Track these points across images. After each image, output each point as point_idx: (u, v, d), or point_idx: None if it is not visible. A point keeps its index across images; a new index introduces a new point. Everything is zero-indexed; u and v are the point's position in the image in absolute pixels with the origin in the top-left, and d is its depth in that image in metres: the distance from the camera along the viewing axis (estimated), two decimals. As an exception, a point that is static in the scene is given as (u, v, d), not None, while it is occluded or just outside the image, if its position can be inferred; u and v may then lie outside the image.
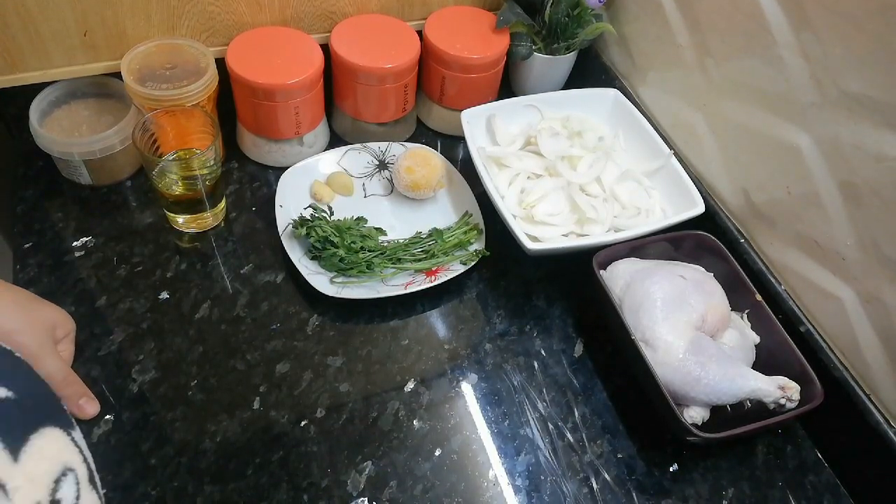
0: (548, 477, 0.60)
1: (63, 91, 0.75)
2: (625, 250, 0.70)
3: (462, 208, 0.78)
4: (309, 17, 0.80)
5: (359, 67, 0.76)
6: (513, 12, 0.83)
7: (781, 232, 0.67)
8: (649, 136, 0.79)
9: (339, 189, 0.79)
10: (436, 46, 0.80)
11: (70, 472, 0.32)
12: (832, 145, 0.59)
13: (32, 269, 0.68)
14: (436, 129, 0.90)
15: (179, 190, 0.69)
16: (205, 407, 0.61)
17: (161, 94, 0.69)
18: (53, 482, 0.31)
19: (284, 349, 0.66)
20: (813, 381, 0.60)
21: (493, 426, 0.63)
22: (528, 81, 0.91)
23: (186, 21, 0.75)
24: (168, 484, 0.56)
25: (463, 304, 0.72)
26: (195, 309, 0.67)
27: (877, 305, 0.59)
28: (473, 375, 0.67)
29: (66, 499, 0.32)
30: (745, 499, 0.61)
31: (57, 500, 0.31)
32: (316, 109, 0.79)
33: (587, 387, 0.67)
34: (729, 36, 0.68)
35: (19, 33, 0.69)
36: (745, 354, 0.64)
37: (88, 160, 0.72)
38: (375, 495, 0.57)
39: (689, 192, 0.73)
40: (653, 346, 0.61)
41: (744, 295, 0.68)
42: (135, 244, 0.72)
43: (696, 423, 0.60)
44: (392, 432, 0.62)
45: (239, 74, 0.72)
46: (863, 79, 0.55)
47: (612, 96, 0.84)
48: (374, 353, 0.67)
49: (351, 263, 0.69)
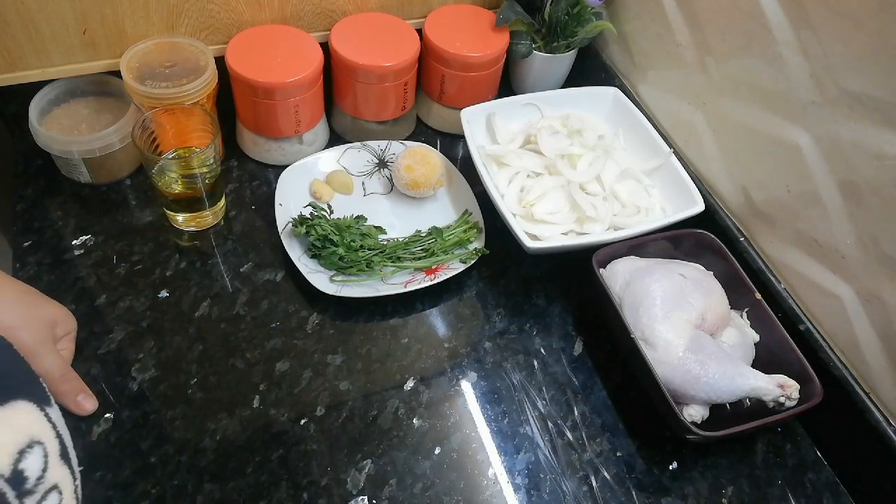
0: (547, 475, 0.60)
1: (62, 89, 0.74)
2: (624, 249, 0.70)
3: (462, 207, 0.78)
4: (309, 15, 0.80)
5: (358, 66, 0.76)
6: (512, 10, 0.83)
7: (781, 230, 0.67)
8: (649, 135, 0.79)
9: (339, 187, 0.79)
10: (435, 45, 0.80)
11: (38, 446, 0.32)
12: (832, 144, 0.59)
13: (32, 267, 0.68)
14: (435, 127, 0.90)
15: (179, 188, 0.69)
16: (204, 405, 0.61)
17: (160, 93, 0.69)
18: (17, 452, 0.32)
19: (284, 347, 0.66)
20: (812, 380, 0.60)
21: (492, 424, 0.63)
22: (528, 80, 0.91)
23: (186, 19, 0.75)
24: (168, 482, 0.56)
25: (462, 303, 0.72)
26: (195, 307, 0.67)
27: (876, 304, 0.59)
28: (473, 374, 0.67)
29: (31, 470, 0.32)
30: (745, 497, 0.61)
31: (20, 470, 0.31)
32: (315, 108, 0.79)
33: (587, 385, 0.67)
34: (729, 34, 0.68)
35: (19, 31, 0.69)
36: (745, 353, 0.65)
37: (88, 158, 0.72)
38: (375, 493, 0.57)
39: (688, 190, 0.73)
40: (652, 344, 0.61)
41: (743, 293, 0.68)
42: (134, 242, 0.72)
43: (695, 421, 0.60)
44: (392, 430, 0.62)
45: (238, 73, 0.72)
46: (863, 77, 0.55)
47: (612, 95, 0.84)
48: (373, 352, 0.67)
49: (350, 262, 0.69)
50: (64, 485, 0.32)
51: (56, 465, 0.32)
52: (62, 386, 0.56)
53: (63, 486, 0.32)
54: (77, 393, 0.57)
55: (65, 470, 0.32)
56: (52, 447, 0.33)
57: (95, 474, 0.56)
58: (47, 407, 0.35)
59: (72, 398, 0.57)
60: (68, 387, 0.56)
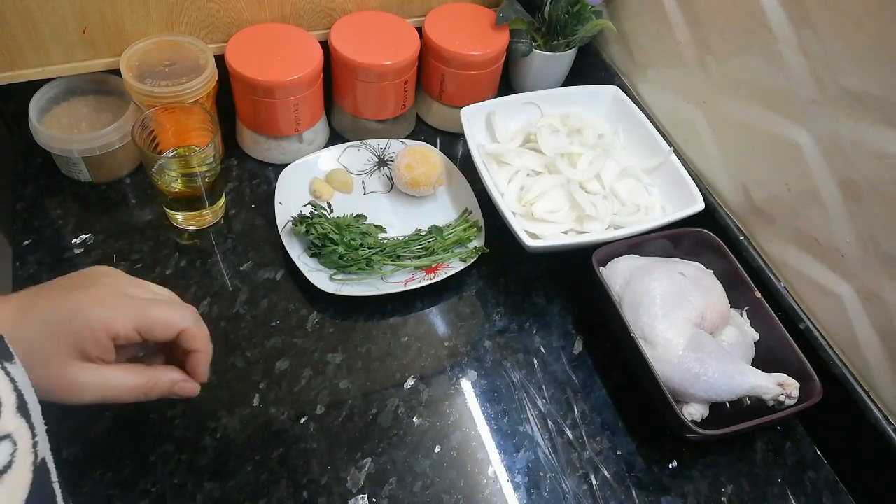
0: (547, 474, 0.61)
1: (62, 88, 0.74)
2: (624, 247, 0.70)
3: (461, 205, 0.78)
4: (308, 13, 0.80)
5: (358, 64, 0.76)
6: (512, 9, 0.83)
7: (781, 229, 0.67)
8: (649, 134, 0.79)
9: (339, 186, 0.79)
10: (435, 43, 0.80)
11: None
12: (832, 142, 0.59)
13: (32, 266, 0.68)
14: (435, 126, 0.89)
15: (179, 187, 0.69)
16: (204, 404, 0.61)
17: (160, 91, 0.69)
18: None
19: (284, 346, 0.66)
20: (812, 378, 0.60)
21: (492, 423, 0.63)
22: (528, 78, 0.90)
23: (186, 18, 0.75)
24: (168, 481, 0.56)
25: (462, 302, 0.72)
26: (195, 306, 0.67)
27: (876, 302, 0.59)
28: (473, 372, 0.67)
29: None
30: (744, 495, 0.62)
31: None
32: (315, 106, 0.79)
33: (586, 384, 0.67)
34: (729, 33, 0.68)
35: (18, 30, 0.69)
36: (745, 351, 0.65)
37: (88, 157, 0.72)
38: (375, 492, 0.58)
39: (688, 189, 0.73)
40: (652, 343, 0.61)
41: (743, 292, 0.68)
42: (134, 241, 0.72)
43: (695, 419, 0.60)
44: (392, 429, 0.62)
45: (238, 71, 0.72)
46: (863, 76, 0.55)
47: (612, 93, 0.84)
48: (373, 350, 0.67)
49: (350, 260, 0.69)
50: (19, 436, 0.31)
51: (11, 416, 0.31)
52: (138, 396, 0.49)
53: (18, 437, 0.31)
54: (166, 390, 0.50)
55: (21, 422, 0.32)
56: (7, 398, 0.32)
57: (95, 472, 0.56)
58: (6, 362, 0.34)
59: (162, 393, 0.50)
60: (149, 392, 0.50)
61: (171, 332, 0.50)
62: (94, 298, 0.48)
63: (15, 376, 0.32)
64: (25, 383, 0.33)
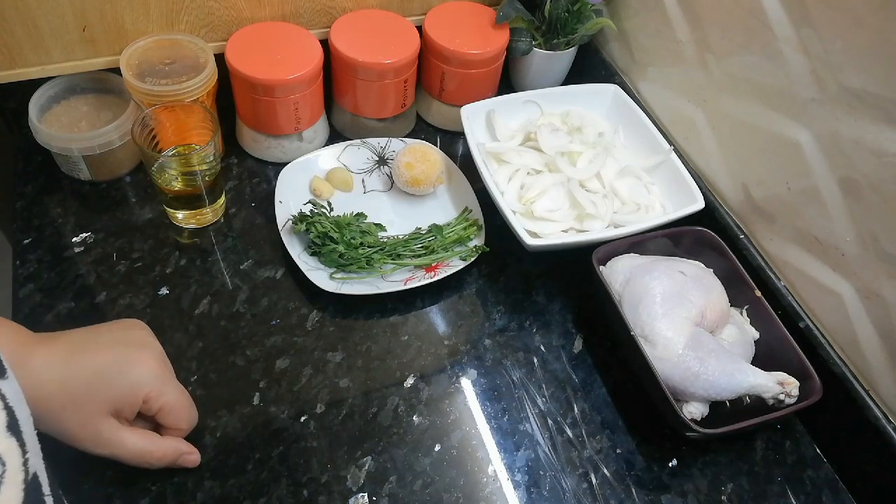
0: (547, 472, 0.61)
1: (62, 87, 0.74)
2: (624, 246, 0.70)
3: (462, 204, 0.78)
4: (308, 12, 0.80)
5: (358, 63, 0.76)
6: (512, 8, 0.83)
7: (781, 228, 0.67)
8: (649, 132, 0.79)
9: (339, 185, 0.79)
10: (435, 42, 0.80)
11: None
12: (832, 141, 0.59)
13: (32, 264, 0.68)
14: (435, 124, 0.89)
15: (179, 186, 0.69)
16: (204, 402, 0.61)
17: (160, 90, 0.69)
18: None
19: (284, 345, 0.66)
20: (812, 377, 0.60)
21: (492, 421, 0.63)
22: (528, 77, 0.90)
23: (186, 16, 0.75)
24: (168, 479, 0.56)
25: (462, 300, 0.72)
26: (195, 305, 0.67)
27: (876, 301, 0.59)
28: (473, 371, 0.67)
29: None
30: (744, 494, 0.62)
31: None
32: (315, 105, 0.79)
33: (586, 382, 0.67)
34: (729, 31, 0.68)
35: (18, 28, 0.69)
36: (745, 350, 0.65)
37: (88, 156, 0.72)
38: (375, 490, 0.58)
39: (688, 187, 0.73)
40: (652, 341, 0.61)
41: (743, 291, 0.68)
42: (134, 240, 0.72)
43: (695, 418, 0.60)
44: (392, 428, 0.62)
45: (238, 70, 0.72)
46: (863, 74, 0.55)
47: (612, 92, 0.84)
48: (373, 349, 0.67)
49: (350, 259, 0.69)
50: (8, 456, 0.31)
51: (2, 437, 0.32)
52: (142, 462, 0.52)
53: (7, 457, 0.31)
54: (171, 462, 0.54)
55: (11, 441, 0.32)
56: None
57: (95, 472, 0.56)
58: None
59: (167, 463, 0.54)
60: (154, 462, 0.53)
61: (177, 425, 0.54)
62: (140, 360, 0.52)
63: (6, 393, 0.32)
64: (17, 398, 0.33)
